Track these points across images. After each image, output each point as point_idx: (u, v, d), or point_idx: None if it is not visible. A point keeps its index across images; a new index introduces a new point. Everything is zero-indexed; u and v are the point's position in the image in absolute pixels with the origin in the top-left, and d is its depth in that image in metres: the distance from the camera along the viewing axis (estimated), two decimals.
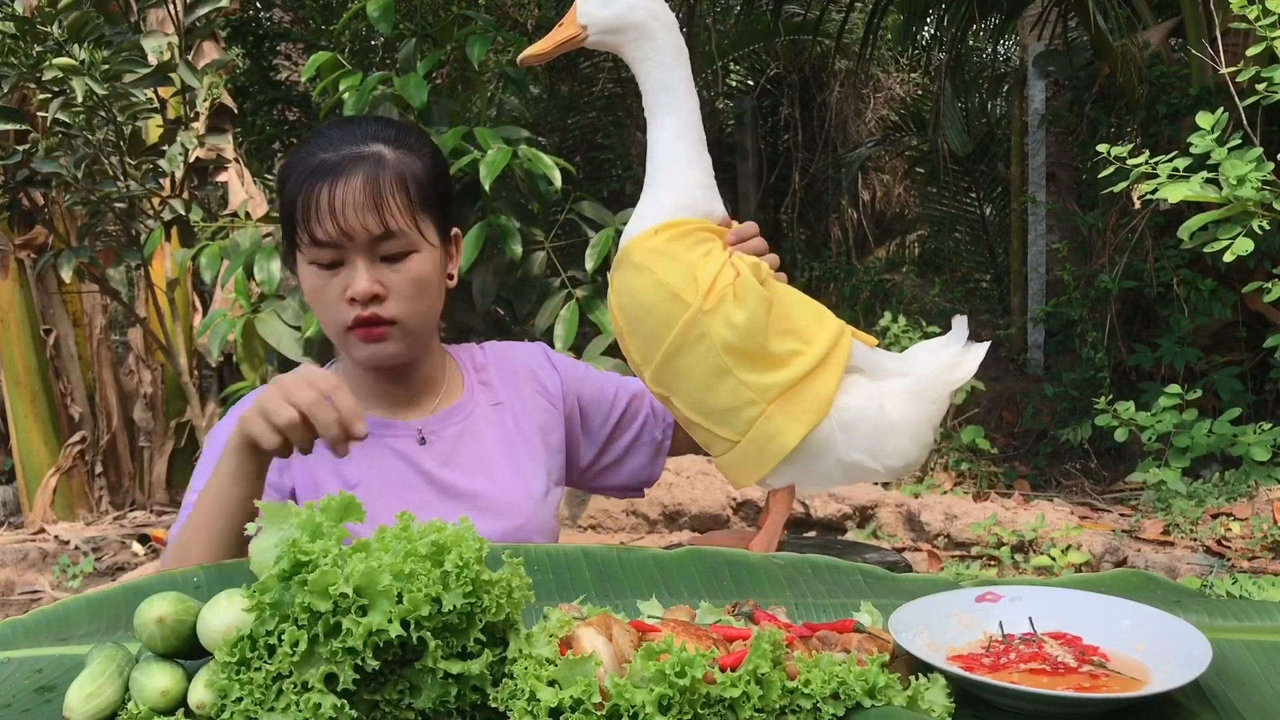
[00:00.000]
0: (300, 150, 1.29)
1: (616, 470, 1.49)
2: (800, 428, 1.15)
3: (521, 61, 1.27)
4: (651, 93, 1.22)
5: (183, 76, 3.64)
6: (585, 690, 0.70)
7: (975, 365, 1.20)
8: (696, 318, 1.15)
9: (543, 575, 0.96)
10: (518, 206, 3.16)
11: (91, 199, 3.76)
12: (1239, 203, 2.13)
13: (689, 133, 1.22)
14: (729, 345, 1.14)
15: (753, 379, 1.15)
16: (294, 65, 6.09)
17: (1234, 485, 3.69)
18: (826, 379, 1.16)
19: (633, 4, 1.21)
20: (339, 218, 1.23)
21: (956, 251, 8.08)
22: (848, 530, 3.81)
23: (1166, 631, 0.83)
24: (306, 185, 1.24)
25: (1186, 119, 4.40)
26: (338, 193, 1.23)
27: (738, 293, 1.15)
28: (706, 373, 1.15)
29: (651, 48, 1.21)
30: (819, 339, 1.17)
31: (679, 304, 1.16)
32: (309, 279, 1.28)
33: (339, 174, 1.24)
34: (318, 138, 1.29)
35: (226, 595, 0.77)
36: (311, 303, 1.31)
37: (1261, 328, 4.43)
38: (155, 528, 4.67)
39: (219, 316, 3.42)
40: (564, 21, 1.24)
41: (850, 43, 7.11)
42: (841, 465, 1.18)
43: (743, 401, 1.16)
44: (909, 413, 1.18)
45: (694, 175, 1.22)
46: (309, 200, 1.24)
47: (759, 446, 1.17)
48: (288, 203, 1.27)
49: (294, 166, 1.27)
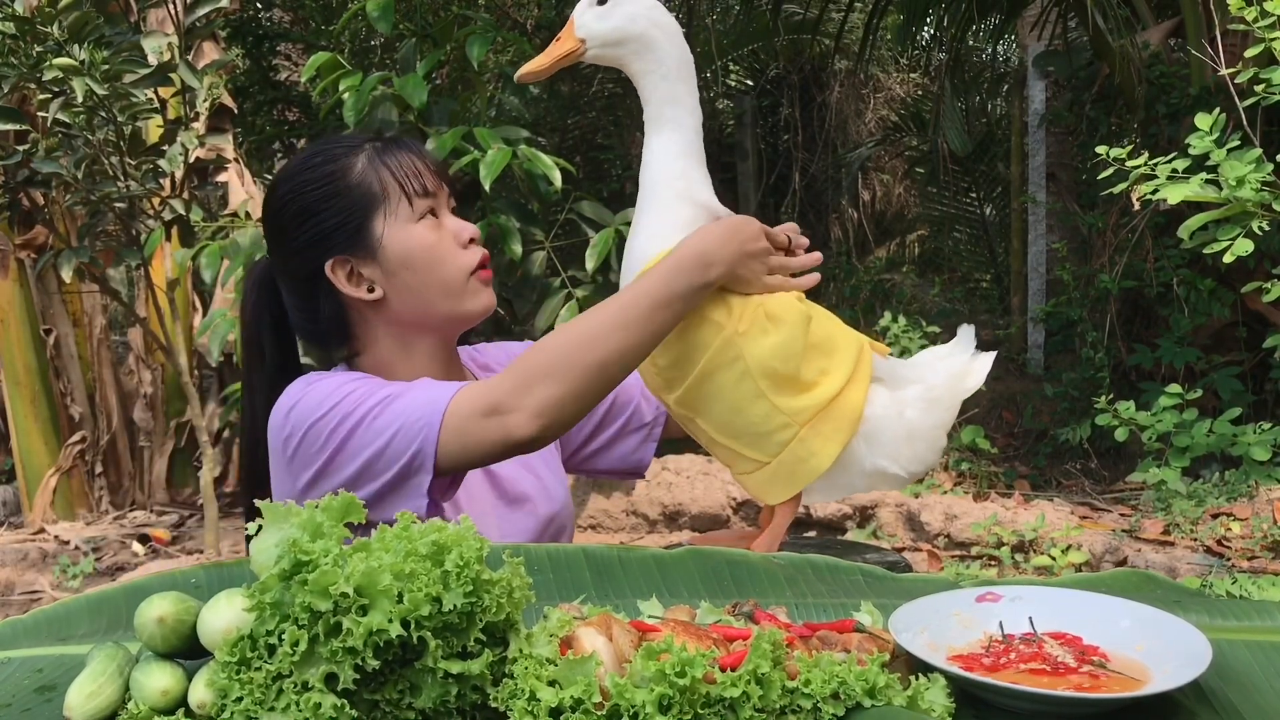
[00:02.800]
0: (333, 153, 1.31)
1: (605, 454, 1.50)
2: (834, 448, 1.14)
3: (519, 79, 1.23)
4: (655, 105, 1.18)
5: (183, 76, 3.64)
6: (585, 690, 0.70)
7: (985, 374, 1.20)
8: (732, 339, 1.13)
9: (543, 575, 0.96)
10: (517, 206, 3.16)
11: (91, 199, 3.76)
12: (1238, 203, 2.13)
13: (692, 148, 1.19)
14: (765, 368, 1.13)
15: (786, 403, 1.13)
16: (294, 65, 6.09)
17: (1234, 485, 3.69)
18: (854, 395, 1.15)
19: (633, 14, 1.16)
20: (431, 165, 1.30)
21: (956, 251, 8.08)
22: (848, 530, 3.81)
23: (1166, 631, 0.83)
24: (383, 157, 1.29)
25: (1186, 119, 4.40)
26: (413, 151, 1.30)
27: (771, 313, 1.14)
28: (739, 396, 1.14)
29: (655, 60, 1.17)
30: (845, 355, 1.15)
31: (712, 326, 1.14)
32: (424, 235, 1.29)
33: (397, 141, 1.32)
34: (335, 144, 1.33)
35: (227, 595, 0.77)
36: (426, 259, 1.29)
37: (1261, 328, 4.43)
38: (155, 528, 4.67)
39: (219, 316, 3.43)
40: (561, 36, 1.19)
41: (850, 43, 7.11)
42: (865, 475, 1.17)
43: (775, 425, 1.14)
44: (926, 419, 1.17)
45: (700, 193, 1.19)
46: (400, 163, 1.28)
47: (790, 469, 1.16)
48: (364, 186, 1.28)
49: (343, 160, 1.29)
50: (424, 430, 1.13)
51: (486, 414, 1.12)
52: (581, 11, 1.18)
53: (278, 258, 1.36)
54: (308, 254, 1.29)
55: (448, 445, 1.13)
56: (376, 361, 1.33)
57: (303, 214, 1.29)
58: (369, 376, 1.26)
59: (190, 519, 4.85)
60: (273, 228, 1.34)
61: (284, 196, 1.31)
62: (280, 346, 1.38)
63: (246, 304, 1.39)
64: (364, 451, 1.16)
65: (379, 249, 1.28)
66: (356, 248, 1.28)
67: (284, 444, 1.22)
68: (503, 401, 1.11)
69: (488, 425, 1.12)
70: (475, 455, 1.14)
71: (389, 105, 3.06)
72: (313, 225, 1.28)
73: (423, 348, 1.33)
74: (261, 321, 1.38)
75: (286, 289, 1.35)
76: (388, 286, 1.29)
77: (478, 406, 1.12)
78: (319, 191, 1.28)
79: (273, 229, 1.34)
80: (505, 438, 1.12)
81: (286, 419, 1.22)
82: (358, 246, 1.28)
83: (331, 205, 1.28)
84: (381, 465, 1.15)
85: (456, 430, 1.12)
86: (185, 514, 4.92)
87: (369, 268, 1.29)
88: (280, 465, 1.24)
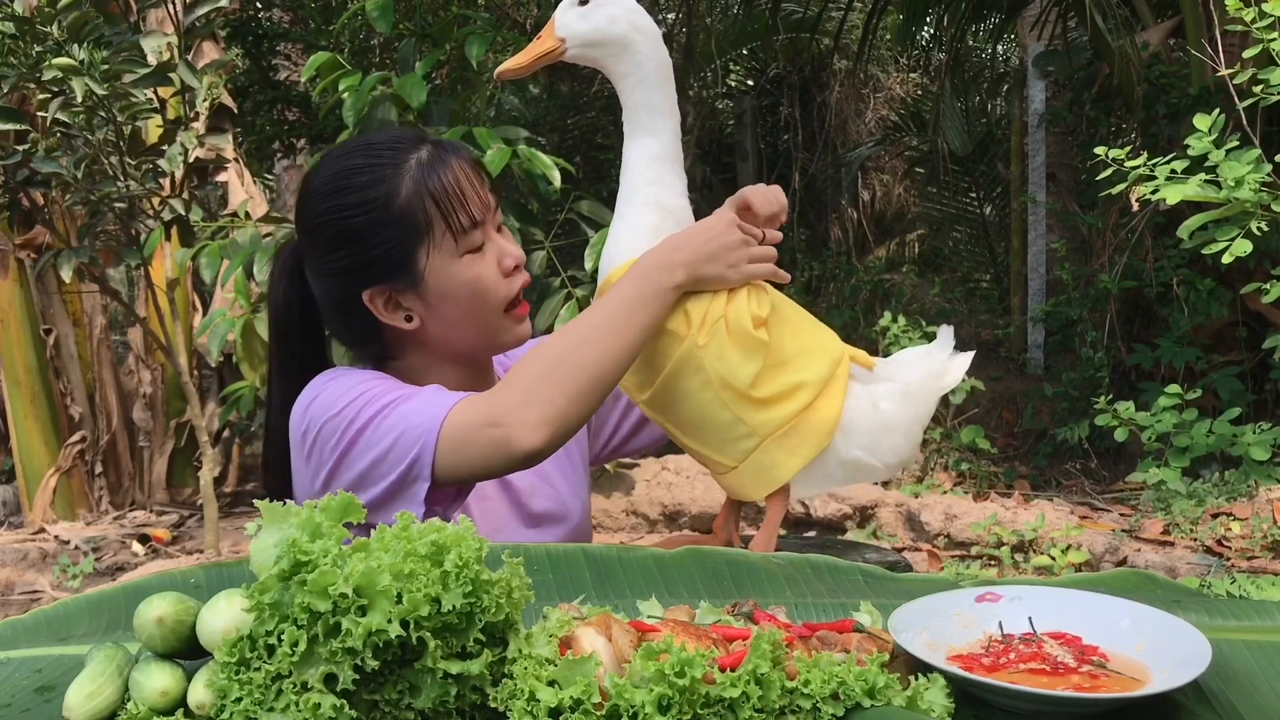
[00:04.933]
0: (376, 169, 1.23)
1: (632, 440, 1.51)
2: (797, 461, 1.15)
3: (499, 76, 1.21)
4: (632, 110, 1.18)
5: (182, 76, 3.64)
6: (585, 690, 0.70)
7: (961, 373, 1.20)
8: (693, 351, 1.14)
9: (543, 575, 0.96)
10: (517, 206, 3.16)
11: (91, 199, 3.76)
12: (1237, 204, 2.13)
13: (667, 154, 1.18)
14: (724, 383, 1.13)
15: (750, 415, 1.14)
16: (294, 65, 6.08)
17: (1234, 485, 3.69)
18: (825, 409, 1.15)
19: (613, 16, 1.16)
20: (481, 182, 1.25)
21: (956, 251, 8.08)
22: (848, 530, 3.81)
23: (1166, 631, 0.83)
24: (429, 181, 1.21)
25: (1186, 119, 4.40)
26: (462, 170, 1.23)
27: (732, 328, 1.13)
28: (703, 403, 1.15)
29: (633, 63, 1.17)
30: (817, 369, 1.15)
31: (670, 337, 1.15)
32: (467, 271, 1.23)
33: (444, 155, 1.23)
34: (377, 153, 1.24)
35: (226, 595, 0.77)
36: (469, 296, 1.24)
37: (1261, 328, 4.43)
38: (155, 528, 4.67)
39: (219, 316, 3.43)
40: (542, 34, 1.19)
41: (850, 42, 7.11)
42: (841, 465, 1.18)
43: (739, 434, 1.15)
44: (901, 412, 1.18)
45: (672, 199, 1.19)
46: (444, 191, 1.21)
47: (754, 476, 1.17)
48: (408, 216, 1.21)
49: (389, 183, 1.21)
50: (423, 437, 1.12)
51: (485, 426, 1.10)
52: (563, 11, 1.17)
53: (312, 265, 1.29)
54: (347, 277, 1.25)
55: (445, 455, 1.11)
56: (408, 368, 1.31)
57: (343, 238, 1.23)
58: (386, 377, 1.24)
59: (190, 519, 4.86)
60: (310, 241, 1.28)
61: (322, 215, 1.25)
62: (310, 337, 1.35)
63: (275, 293, 1.34)
64: (369, 453, 1.15)
65: (421, 283, 1.23)
66: (398, 280, 1.23)
67: (302, 439, 1.22)
68: (503, 415, 1.10)
69: (486, 437, 1.10)
70: (475, 467, 1.12)
71: (388, 105, 3.05)
72: (354, 252, 1.23)
73: (455, 367, 1.32)
74: (291, 310, 1.33)
75: (319, 289, 1.31)
76: (426, 317, 1.26)
77: (477, 418, 1.11)
78: (361, 219, 1.22)
79: (309, 243, 1.29)
80: (505, 450, 1.10)
81: (305, 414, 1.21)
82: (399, 279, 1.23)
83: (375, 235, 1.22)
84: (384, 469, 1.14)
85: (455, 440, 1.11)
86: (185, 514, 4.92)
87: (408, 298, 1.25)
88: (300, 461, 1.24)
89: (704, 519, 3.93)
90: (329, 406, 1.18)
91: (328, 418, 1.18)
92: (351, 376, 1.22)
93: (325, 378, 1.24)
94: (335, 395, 1.19)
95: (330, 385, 1.21)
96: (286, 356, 1.35)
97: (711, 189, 7.40)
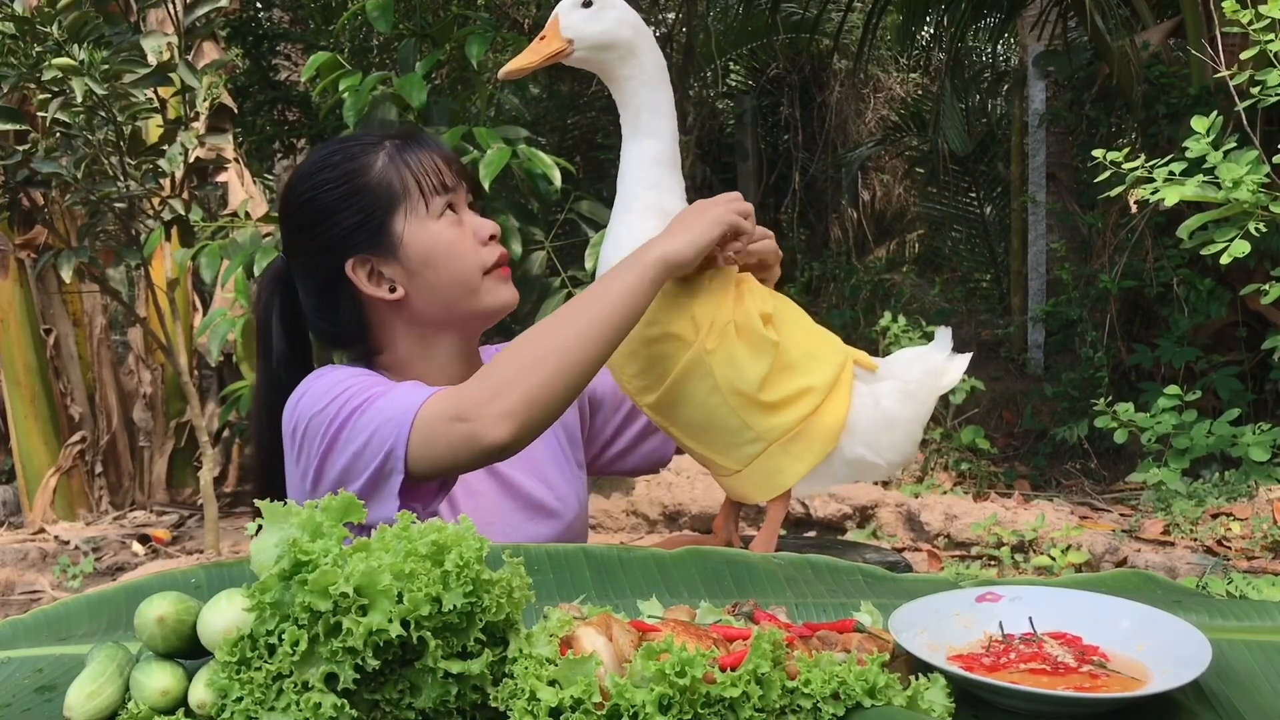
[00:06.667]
0: (352, 151, 1.30)
1: (630, 455, 1.50)
2: (802, 467, 1.15)
3: (503, 76, 1.21)
4: (633, 112, 1.18)
5: (182, 76, 3.64)
6: (585, 690, 0.70)
7: (960, 373, 1.21)
8: (701, 356, 1.14)
9: (543, 575, 0.96)
10: (517, 206, 3.16)
11: (91, 199, 3.76)
12: (1235, 205, 2.13)
13: (666, 156, 1.19)
14: (733, 388, 1.13)
15: (756, 420, 1.14)
16: (294, 65, 6.08)
17: (1234, 485, 3.69)
18: (830, 414, 1.15)
19: (622, 19, 1.16)
20: (452, 162, 1.30)
21: (956, 251, 8.08)
22: (848, 530, 3.81)
23: (1166, 631, 0.83)
24: (402, 154, 1.28)
25: (1186, 119, 4.37)
26: (433, 148, 1.30)
27: (742, 331, 1.13)
28: (709, 407, 1.14)
29: (637, 66, 1.17)
30: (823, 373, 1.15)
31: (677, 342, 1.15)
32: (444, 232, 1.28)
33: (416, 138, 1.31)
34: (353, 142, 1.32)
35: (227, 595, 0.77)
36: (447, 256, 1.28)
37: (1261, 328, 4.43)
38: (155, 528, 4.67)
39: (219, 316, 3.43)
40: (547, 34, 1.18)
41: (850, 42, 7.11)
42: (846, 464, 1.18)
43: (745, 439, 1.15)
44: (903, 410, 1.18)
45: (670, 202, 1.20)
46: (419, 160, 1.28)
47: (759, 480, 1.17)
48: (383, 182, 1.27)
49: (362, 159, 1.29)
50: (396, 431, 1.13)
51: (454, 419, 1.11)
52: (567, 12, 1.17)
53: (296, 259, 1.34)
54: (328, 254, 1.28)
55: (416, 449, 1.12)
56: (396, 360, 1.33)
57: (322, 213, 1.28)
58: (369, 372, 1.26)
59: (190, 519, 4.86)
60: (291, 228, 1.33)
61: (302, 196, 1.30)
62: (289, 343, 1.37)
63: (259, 301, 1.39)
64: (349, 448, 1.16)
65: (400, 247, 1.27)
66: (377, 247, 1.28)
67: (290, 436, 1.24)
68: (469, 408, 1.10)
69: (454, 431, 1.10)
70: (445, 460, 1.13)
71: (388, 105, 3.05)
72: (333, 224, 1.28)
73: (444, 346, 1.33)
74: (270, 318, 1.37)
75: (305, 290, 1.34)
76: (409, 285, 1.29)
77: (446, 411, 1.11)
78: (339, 190, 1.27)
79: (291, 229, 1.33)
80: (474, 443, 1.10)
81: (294, 412, 1.23)
82: (379, 245, 1.28)
83: (351, 204, 1.27)
84: (361, 464, 1.15)
85: (425, 434, 1.12)
86: (185, 514, 4.92)
87: (390, 267, 1.28)
88: (290, 458, 1.25)
89: (704, 519, 3.93)
90: (314, 403, 1.21)
91: (313, 414, 1.20)
92: (338, 372, 1.24)
93: (313, 376, 1.26)
94: (320, 392, 1.21)
95: (316, 383, 1.23)
96: (264, 364, 1.38)
97: (711, 189, 7.40)
